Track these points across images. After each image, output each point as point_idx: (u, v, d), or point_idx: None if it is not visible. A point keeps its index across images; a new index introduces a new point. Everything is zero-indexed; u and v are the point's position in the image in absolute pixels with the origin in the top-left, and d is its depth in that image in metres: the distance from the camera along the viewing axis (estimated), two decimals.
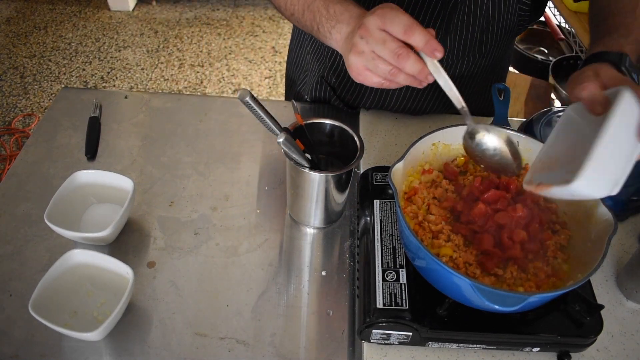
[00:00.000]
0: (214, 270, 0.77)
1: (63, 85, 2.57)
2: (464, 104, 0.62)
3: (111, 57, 2.78)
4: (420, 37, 0.56)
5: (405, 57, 0.57)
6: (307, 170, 0.73)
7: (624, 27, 0.71)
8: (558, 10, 2.00)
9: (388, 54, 0.58)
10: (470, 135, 0.65)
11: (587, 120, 0.58)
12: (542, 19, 2.09)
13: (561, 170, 0.58)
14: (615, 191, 0.55)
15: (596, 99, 0.58)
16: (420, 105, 1.00)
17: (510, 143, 0.64)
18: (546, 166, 0.63)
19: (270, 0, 0.79)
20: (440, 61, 0.87)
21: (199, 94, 2.56)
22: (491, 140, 0.64)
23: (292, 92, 1.15)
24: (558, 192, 0.56)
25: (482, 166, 0.66)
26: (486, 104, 1.15)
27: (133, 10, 3.15)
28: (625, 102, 0.55)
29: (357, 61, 0.60)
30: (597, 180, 0.54)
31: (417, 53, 0.59)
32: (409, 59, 0.57)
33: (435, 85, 0.61)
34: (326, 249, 0.82)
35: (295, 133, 0.76)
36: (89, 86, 2.58)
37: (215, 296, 0.74)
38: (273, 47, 2.92)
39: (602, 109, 0.55)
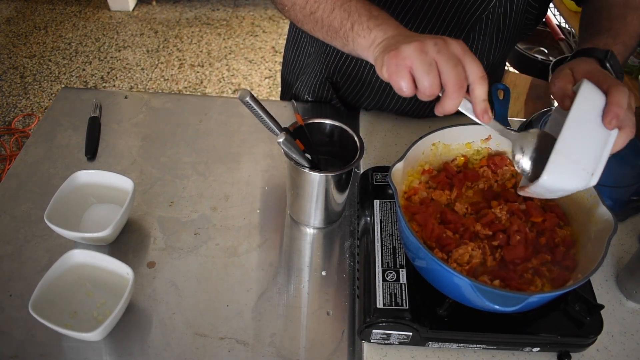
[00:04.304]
0: (214, 270, 0.77)
1: (63, 85, 2.57)
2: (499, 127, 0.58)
3: (111, 57, 2.78)
4: (480, 91, 0.54)
5: (462, 91, 0.52)
6: (307, 170, 0.73)
7: (614, 30, 0.72)
8: (558, 11, 2.00)
9: (454, 77, 0.51)
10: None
11: (563, 116, 0.55)
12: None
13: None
14: (593, 182, 0.53)
15: (565, 93, 0.59)
16: (421, 108, 1.00)
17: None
18: None
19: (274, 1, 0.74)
20: None
21: (199, 94, 2.56)
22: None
23: (288, 93, 1.15)
24: (535, 190, 0.55)
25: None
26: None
27: (133, 10, 3.15)
28: (586, 91, 0.54)
29: (411, 55, 0.51)
30: (567, 173, 0.53)
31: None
32: (462, 95, 0.53)
33: None
34: (326, 249, 0.82)
35: (295, 133, 0.76)
36: (89, 86, 2.58)
37: (215, 296, 0.74)
38: (273, 47, 2.92)
39: (570, 102, 0.55)
